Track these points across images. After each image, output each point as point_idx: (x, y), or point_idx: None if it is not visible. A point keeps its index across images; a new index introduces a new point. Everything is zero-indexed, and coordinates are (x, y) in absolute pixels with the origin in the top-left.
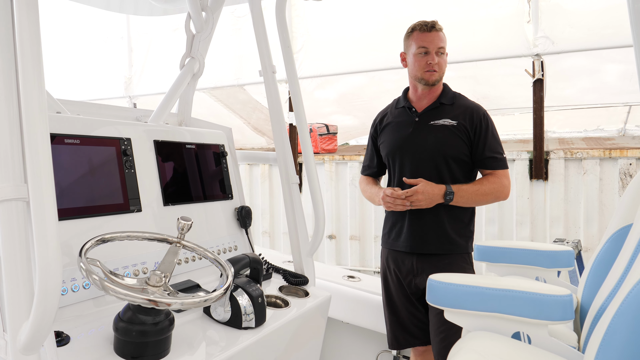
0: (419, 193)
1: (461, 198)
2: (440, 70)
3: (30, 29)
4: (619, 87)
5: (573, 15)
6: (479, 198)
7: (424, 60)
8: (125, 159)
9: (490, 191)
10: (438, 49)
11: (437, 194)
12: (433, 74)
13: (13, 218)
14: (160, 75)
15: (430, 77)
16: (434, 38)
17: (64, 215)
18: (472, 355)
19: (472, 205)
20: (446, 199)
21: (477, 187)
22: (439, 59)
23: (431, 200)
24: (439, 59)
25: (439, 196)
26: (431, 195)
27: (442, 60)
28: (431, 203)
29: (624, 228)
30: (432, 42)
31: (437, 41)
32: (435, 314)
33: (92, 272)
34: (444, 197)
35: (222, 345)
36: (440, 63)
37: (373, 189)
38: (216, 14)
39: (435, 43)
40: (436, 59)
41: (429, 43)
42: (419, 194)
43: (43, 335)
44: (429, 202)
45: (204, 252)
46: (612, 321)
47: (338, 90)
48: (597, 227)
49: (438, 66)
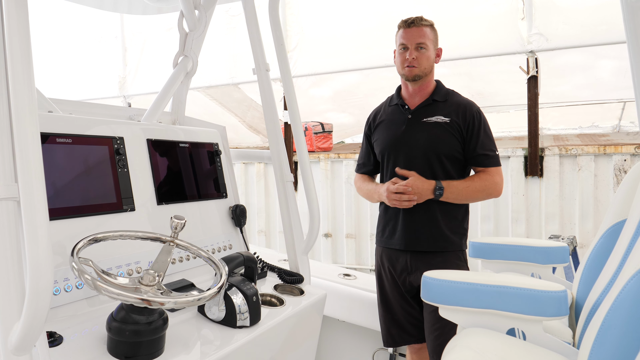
0: (410, 186)
1: (451, 194)
2: (420, 66)
3: (20, 26)
4: (613, 83)
5: (567, 12)
6: (470, 194)
7: (403, 56)
8: (118, 158)
9: (481, 188)
10: (417, 44)
11: (426, 189)
12: (412, 70)
13: (3, 217)
14: (154, 75)
15: (409, 72)
16: (413, 34)
17: (56, 215)
18: (467, 351)
19: (463, 202)
20: (436, 194)
21: (467, 184)
22: (418, 54)
23: (420, 195)
24: (417, 54)
25: (429, 191)
26: (420, 190)
27: (422, 56)
28: (420, 198)
29: (618, 223)
30: (411, 38)
31: (417, 37)
32: (429, 312)
33: (85, 272)
34: (434, 192)
35: (217, 344)
36: (419, 58)
37: (370, 185)
38: (209, 12)
39: (414, 39)
40: (414, 54)
41: (408, 39)
42: (408, 188)
43: (35, 336)
44: (418, 197)
45: (198, 251)
46: (607, 316)
47: (333, 88)
48: (592, 223)
49: (417, 62)
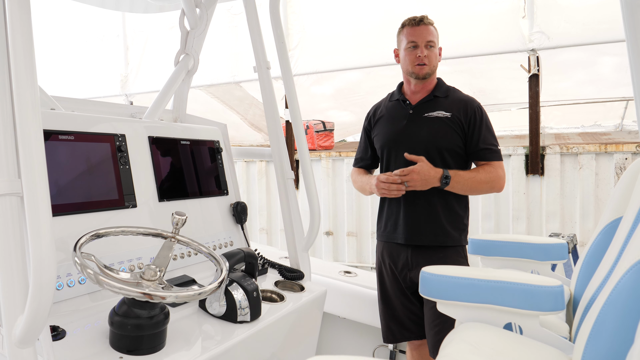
0: (414, 172)
1: (457, 184)
2: (430, 64)
3: (22, 24)
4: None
5: (568, 10)
6: (475, 185)
7: (414, 54)
8: (120, 155)
9: (486, 180)
10: (427, 43)
11: (433, 176)
12: (423, 68)
13: (7, 213)
14: (156, 73)
15: (420, 70)
16: (422, 32)
17: (58, 211)
18: (464, 345)
19: (467, 192)
20: (442, 182)
21: (473, 174)
22: (428, 52)
23: (426, 181)
24: (428, 52)
25: (435, 179)
26: (427, 177)
27: (432, 54)
28: (426, 185)
29: (615, 220)
30: (421, 36)
31: (426, 35)
32: (429, 308)
33: (87, 267)
34: (440, 180)
35: (218, 339)
36: (429, 56)
37: (364, 178)
38: (210, 10)
39: (424, 36)
40: (425, 52)
41: (418, 37)
42: (415, 174)
43: (38, 329)
44: (423, 184)
45: (199, 247)
46: (602, 310)
47: (334, 86)
48: (592, 222)
49: (428, 59)
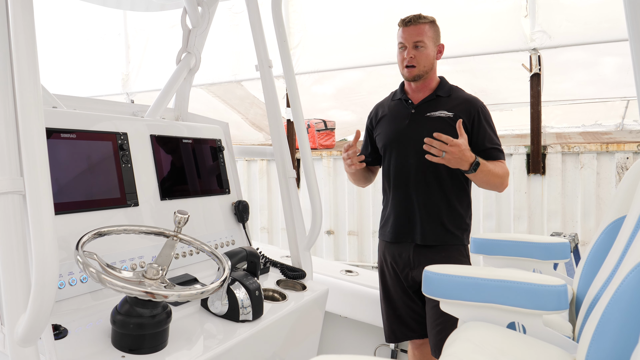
0: (458, 146)
1: (481, 172)
2: (418, 65)
3: (25, 23)
4: (616, 81)
5: (570, 10)
6: (492, 179)
7: (402, 55)
8: (122, 154)
9: (500, 174)
10: (415, 43)
11: (467, 157)
12: (412, 70)
13: (9, 211)
14: (157, 72)
15: (409, 74)
16: (410, 32)
17: (61, 210)
18: (468, 344)
19: (484, 184)
20: (471, 167)
21: (493, 166)
22: (416, 52)
23: (460, 159)
24: (415, 53)
25: (468, 162)
26: (463, 155)
27: (421, 54)
28: (459, 162)
29: (619, 220)
30: (408, 37)
31: (414, 35)
32: (431, 307)
33: (89, 265)
34: (471, 164)
35: (220, 338)
36: (417, 57)
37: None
38: (212, 9)
39: (411, 37)
40: (412, 53)
41: (405, 38)
42: (457, 147)
43: (40, 328)
44: (457, 161)
45: (201, 246)
46: (606, 310)
47: (336, 86)
48: (594, 221)
49: (415, 60)
